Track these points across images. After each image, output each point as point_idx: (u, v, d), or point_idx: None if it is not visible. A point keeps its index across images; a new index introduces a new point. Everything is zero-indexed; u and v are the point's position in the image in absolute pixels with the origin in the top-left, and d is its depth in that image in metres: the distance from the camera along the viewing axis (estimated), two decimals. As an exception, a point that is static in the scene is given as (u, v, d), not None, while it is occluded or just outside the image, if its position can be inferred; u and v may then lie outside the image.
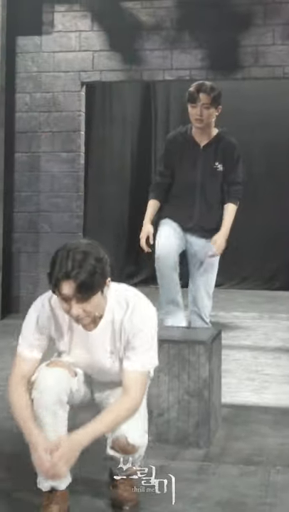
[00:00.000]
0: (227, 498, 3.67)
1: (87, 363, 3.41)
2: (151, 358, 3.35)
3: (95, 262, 3.12)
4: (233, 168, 5.69)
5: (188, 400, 4.46)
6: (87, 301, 3.15)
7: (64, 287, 3.10)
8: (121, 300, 3.35)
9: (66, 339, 3.37)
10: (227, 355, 6.50)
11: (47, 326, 3.36)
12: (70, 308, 3.15)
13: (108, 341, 3.35)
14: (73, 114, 10.04)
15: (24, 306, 9.67)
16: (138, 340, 3.30)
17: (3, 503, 3.53)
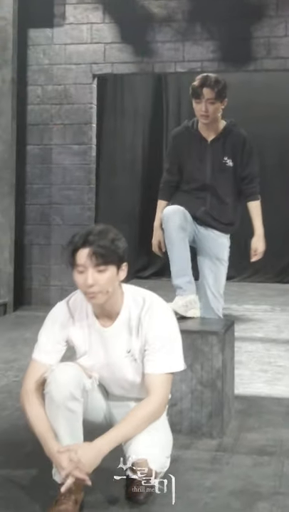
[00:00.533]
0: (241, 487, 3.67)
1: (105, 364, 3.40)
2: (175, 360, 3.33)
3: (114, 236, 3.21)
4: (247, 163, 5.40)
5: (201, 390, 4.46)
6: (103, 271, 3.16)
7: (81, 255, 3.15)
8: (137, 297, 3.37)
9: (85, 339, 3.37)
10: (239, 347, 6.51)
11: (65, 328, 3.37)
12: (85, 278, 3.15)
13: (125, 340, 3.34)
14: (85, 107, 10.05)
15: (36, 298, 9.75)
16: (160, 341, 3.29)
17: (20, 494, 3.55)
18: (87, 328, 3.36)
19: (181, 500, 3.47)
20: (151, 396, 3.25)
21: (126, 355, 3.34)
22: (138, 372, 3.35)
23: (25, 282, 10.13)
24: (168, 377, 3.30)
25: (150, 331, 3.28)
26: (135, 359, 3.33)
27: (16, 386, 5.59)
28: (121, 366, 3.36)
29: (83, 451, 3.09)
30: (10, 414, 4.89)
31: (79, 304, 3.38)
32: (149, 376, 3.27)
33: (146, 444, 3.19)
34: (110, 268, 3.17)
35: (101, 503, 3.42)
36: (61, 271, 9.92)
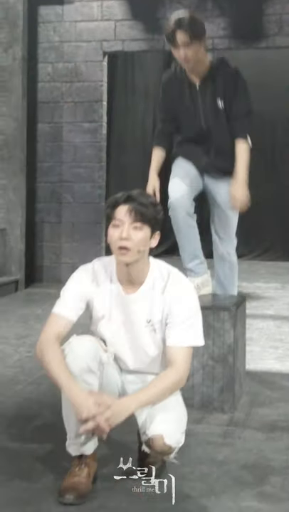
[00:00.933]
0: (253, 461, 3.70)
1: (124, 332, 3.39)
2: (196, 335, 3.33)
3: (155, 201, 3.30)
4: (234, 99, 4.86)
5: (212, 365, 4.48)
6: (139, 228, 3.21)
7: (121, 210, 3.21)
8: (163, 270, 3.38)
9: (106, 303, 3.37)
10: (250, 324, 6.52)
11: (88, 290, 3.36)
12: (120, 232, 3.20)
13: (146, 309, 3.33)
14: (95, 84, 10.03)
15: (47, 275, 9.79)
16: (183, 315, 3.29)
17: (33, 467, 3.59)
18: (109, 293, 3.36)
19: (193, 474, 3.51)
20: (174, 367, 3.24)
21: (146, 324, 3.33)
22: (156, 344, 3.36)
23: (36, 260, 10.17)
24: (189, 350, 3.30)
25: (174, 304, 3.29)
26: (154, 329, 3.33)
27: (29, 361, 5.65)
28: (140, 335, 3.36)
29: (112, 406, 3.08)
30: (23, 389, 4.93)
31: (103, 267, 3.39)
32: (172, 349, 3.27)
33: (161, 420, 3.19)
34: (145, 228, 3.22)
35: (114, 475, 3.45)
36: (72, 249, 9.95)
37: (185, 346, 3.28)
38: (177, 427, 3.25)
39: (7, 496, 3.24)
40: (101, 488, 3.31)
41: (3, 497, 3.22)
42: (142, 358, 3.39)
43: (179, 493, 3.28)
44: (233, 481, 3.45)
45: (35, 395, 4.77)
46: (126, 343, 3.38)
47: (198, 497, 3.27)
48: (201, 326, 3.36)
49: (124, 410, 3.10)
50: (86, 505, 3.14)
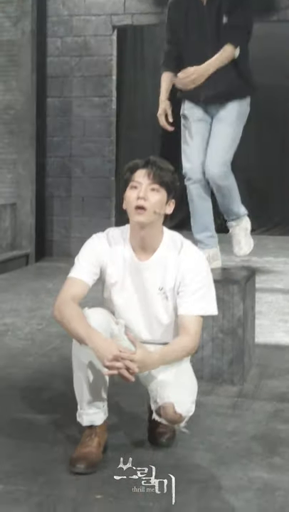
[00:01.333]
0: (262, 432, 3.74)
1: (136, 299, 3.41)
2: (208, 304, 3.36)
3: (172, 168, 3.34)
4: (235, 10, 4.71)
5: (222, 338, 4.51)
6: (156, 190, 3.26)
7: (140, 173, 3.28)
8: (176, 239, 3.41)
9: (119, 269, 3.39)
10: (259, 297, 6.52)
11: (102, 256, 3.38)
12: (138, 192, 3.25)
13: (159, 276, 3.36)
14: (105, 59, 10.00)
15: (57, 249, 9.83)
16: (195, 284, 3.32)
17: (44, 437, 3.63)
18: (122, 259, 3.38)
19: (203, 445, 3.55)
20: (186, 335, 3.28)
21: (158, 292, 3.36)
22: (168, 312, 3.38)
23: (46, 234, 10.20)
24: (201, 320, 3.34)
25: (187, 273, 3.32)
26: (166, 297, 3.36)
27: (40, 334, 5.70)
28: (152, 302, 3.39)
29: (144, 356, 3.12)
30: (33, 361, 4.97)
31: (117, 235, 3.43)
32: (184, 317, 3.30)
33: (172, 389, 3.23)
34: (162, 192, 3.27)
35: (124, 446, 3.50)
36: (82, 223, 9.97)
37: (197, 315, 3.32)
38: (188, 396, 3.28)
39: (19, 466, 3.28)
40: (111, 457, 3.35)
41: (14, 467, 3.27)
42: (154, 326, 3.42)
43: (189, 463, 3.34)
44: (242, 451, 3.49)
45: (46, 367, 4.81)
46: (138, 310, 3.41)
47: (208, 467, 3.31)
48: (213, 295, 3.39)
49: (150, 364, 3.16)
50: (96, 475, 3.18)
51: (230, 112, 4.88)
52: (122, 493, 3.03)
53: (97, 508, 2.88)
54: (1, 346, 5.37)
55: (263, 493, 3.05)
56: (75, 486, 3.08)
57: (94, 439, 3.31)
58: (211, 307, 3.37)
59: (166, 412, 3.20)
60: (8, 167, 9.92)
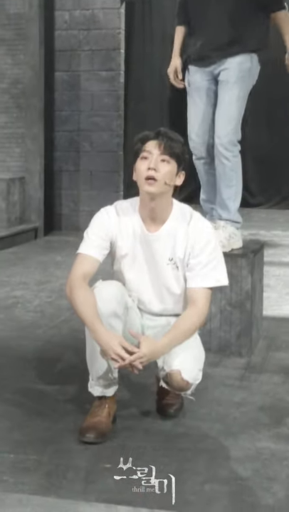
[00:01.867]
0: (269, 403, 3.77)
1: (147, 270, 3.43)
2: (218, 275, 3.37)
3: (183, 140, 3.36)
4: None
5: (230, 310, 4.54)
6: (166, 161, 3.27)
7: (150, 144, 3.29)
8: (185, 211, 3.43)
9: (129, 240, 3.41)
10: (267, 271, 6.53)
11: (111, 229, 3.40)
12: (148, 162, 3.26)
13: (169, 247, 3.38)
14: (113, 32, 9.97)
15: (66, 223, 9.86)
16: (205, 256, 3.34)
17: (55, 408, 3.68)
18: (132, 231, 3.40)
19: (211, 415, 3.59)
20: (195, 308, 3.30)
21: (168, 262, 3.38)
22: (178, 282, 3.40)
23: (55, 208, 10.22)
24: (210, 291, 3.36)
25: (196, 244, 3.34)
26: (177, 267, 3.37)
27: (49, 306, 5.75)
28: (162, 273, 3.40)
29: (150, 345, 3.16)
30: (43, 333, 5.02)
31: (126, 207, 3.44)
32: (193, 290, 3.33)
33: (179, 356, 3.25)
34: (172, 163, 3.28)
35: (133, 416, 3.54)
36: (90, 197, 9.99)
37: (206, 287, 3.34)
38: (195, 363, 3.32)
39: (29, 435, 3.33)
40: (121, 428, 3.40)
41: (24, 436, 3.31)
42: (165, 297, 3.45)
43: (197, 433, 3.38)
44: (250, 422, 3.53)
45: (56, 338, 4.85)
46: (149, 281, 3.43)
47: (216, 437, 3.35)
48: (223, 266, 3.41)
49: (158, 353, 3.20)
50: (106, 444, 3.22)
51: (232, 70, 4.69)
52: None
53: (106, 477, 2.92)
54: (11, 318, 5.41)
55: (271, 463, 3.08)
56: (85, 456, 3.13)
57: (104, 410, 3.35)
58: (222, 278, 3.39)
59: (173, 379, 3.25)
60: (16, 141, 9.93)
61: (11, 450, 3.16)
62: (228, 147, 4.69)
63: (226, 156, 4.70)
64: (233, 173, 4.74)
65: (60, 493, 2.78)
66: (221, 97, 4.72)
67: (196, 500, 2.75)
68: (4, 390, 3.89)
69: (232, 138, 4.70)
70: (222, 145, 4.69)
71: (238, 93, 4.69)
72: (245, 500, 2.76)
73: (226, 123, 4.69)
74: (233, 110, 4.70)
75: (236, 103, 4.70)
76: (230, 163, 4.71)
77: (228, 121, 4.69)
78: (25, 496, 2.75)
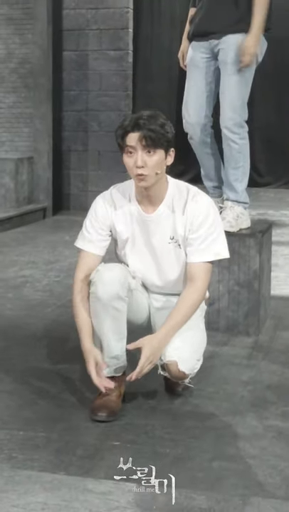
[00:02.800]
0: (277, 382, 3.79)
1: (148, 252, 3.44)
2: (219, 249, 3.37)
3: (164, 121, 3.25)
4: None
5: (238, 290, 4.56)
6: (152, 153, 3.22)
7: (131, 138, 3.21)
8: (181, 187, 3.42)
9: (128, 225, 3.42)
10: (275, 250, 6.55)
11: (109, 216, 3.42)
12: (135, 160, 3.22)
13: (168, 226, 3.38)
14: (121, 11, 9.92)
15: (74, 203, 9.87)
16: (204, 230, 3.33)
17: (64, 387, 3.71)
18: (129, 215, 3.41)
19: (218, 394, 3.62)
20: (194, 284, 3.31)
21: (169, 241, 3.39)
22: (180, 261, 3.41)
23: (63, 188, 10.23)
24: (210, 266, 3.37)
25: (195, 219, 3.33)
26: (179, 245, 3.38)
27: (57, 285, 5.77)
28: (164, 253, 3.41)
29: (151, 345, 3.20)
30: (52, 311, 5.05)
31: (121, 192, 3.45)
32: (193, 265, 3.34)
33: (177, 346, 3.26)
34: (159, 151, 3.22)
35: (141, 395, 3.57)
36: (98, 177, 9.99)
37: (206, 262, 3.35)
38: (193, 354, 3.32)
39: (38, 413, 3.36)
40: (129, 406, 3.43)
41: (34, 414, 3.35)
42: (168, 277, 3.46)
43: (205, 411, 3.41)
44: (257, 400, 3.55)
45: (65, 317, 4.87)
46: (152, 262, 3.45)
47: (224, 415, 3.37)
48: (223, 239, 3.40)
49: (164, 343, 3.23)
50: (115, 423, 3.25)
51: (230, 51, 4.57)
52: (139, 438, 3.11)
53: (114, 454, 2.95)
54: (20, 297, 5.44)
55: (278, 441, 3.11)
56: (94, 433, 3.16)
57: (114, 389, 3.37)
58: (222, 251, 3.39)
59: (170, 370, 3.27)
60: (25, 121, 9.93)
61: (21, 427, 3.19)
62: (234, 129, 4.64)
63: (232, 138, 4.65)
64: (241, 155, 4.70)
65: (70, 470, 2.81)
66: (223, 79, 4.66)
67: (203, 478, 2.77)
68: (13, 369, 3.92)
69: (237, 120, 4.64)
70: (227, 128, 4.64)
71: (239, 75, 4.59)
72: (252, 478, 2.78)
73: (229, 107, 4.62)
74: (234, 94, 4.61)
75: (238, 85, 4.61)
76: (237, 145, 4.67)
77: (231, 105, 4.62)
78: (35, 472, 2.78)
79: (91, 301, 3.31)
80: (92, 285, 3.30)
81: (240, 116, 4.65)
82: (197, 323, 3.43)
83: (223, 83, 4.64)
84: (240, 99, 4.63)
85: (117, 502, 2.55)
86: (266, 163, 12.79)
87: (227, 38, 4.58)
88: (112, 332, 3.30)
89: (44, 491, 2.62)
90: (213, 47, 4.66)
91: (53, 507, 2.51)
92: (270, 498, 2.62)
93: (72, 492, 2.61)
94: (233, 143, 4.66)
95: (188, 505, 2.55)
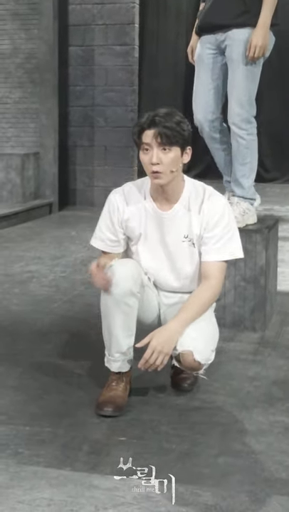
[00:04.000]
0: (283, 378, 3.79)
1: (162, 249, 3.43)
2: (233, 248, 3.38)
3: (180, 118, 3.25)
4: None
5: (244, 286, 4.55)
6: (167, 151, 3.22)
7: (147, 135, 3.21)
8: (198, 186, 3.42)
9: (141, 221, 3.42)
10: (282, 246, 6.54)
11: (120, 215, 3.42)
12: (150, 157, 3.22)
13: (184, 224, 3.38)
14: (127, 6, 9.92)
15: (81, 198, 9.88)
16: (220, 230, 3.33)
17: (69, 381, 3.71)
18: (144, 211, 3.41)
19: (224, 389, 3.61)
20: (208, 282, 3.32)
21: (183, 239, 3.38)
22: (194, 259, 3.41)
23: (69, 183, 10.23)
24: (224, 265, 3.38)
25: (211, 218, 3.33)
26: (193, 244, 3.38)
27: (63, 281, 5.77)
28: (178, 251, 3.41)
29: (159, 336, 3.19)
30: (58, 307, 5.05)
31: (136, 188, 3.45)
32: (208, 264, 3.34)
33: (192, 337, 3.25)
34: (174, 149, 3.23)
35: (148, 390, 3.57)
36: (104, 172, 9.99)
37: (221, 261, 3.35)
38: (207, 344, 3.31)
39: (44, 408, 3.36)
40: (135, 401, 3.42)
41: (40, 409, 3.35)
42: (181, 275, 3.45)
43: (210, 407, 3.40)
44: (263, 396, 3.55)
45: (70, 313, 4.88)
46: (165, 260, 3.44)
47: (230, 411, 3.37)
48: (238, 239, 3.41)
49: (174, 335, 3.21)
50: (120, 418, 3.25)
51: (236, 47, 4.56)
52: (145, 434, 3.11)
53: (121, 449, 2.95)
54: (26, 293, 5.44)
55: (284, 437, 3.10)
56: (100, 429, 3.15)
57: (121, 384, 3.38)
58: (236, 251, 3.40)
59: (185, 360, 3.24)
60: (31, 116, 9.94)
61: (27, 423, 3.19)
62: (241, 125, 4.63)
63: (239, 134, 4.64)
64: (248, 150, 4.69)
65: (76, 466, 2.81)
66: (230, 75, 4.64)
67: (209, 473, 2.77)
68: (19, 364, 3.92)
69: (244, 116, 4.62)
70: (234, 124, 4.63)
71: (246, 71, 4.56)
72: (258, 474, 2.78)
73: (236, 103, 4.61)
74: (241, 89, 4.59)
75: (245, 81, 4.58)
76: (245, 141, 4.66)
77: (238, 101, 4.60)
78: (41, 468, 2.78)
79: (102, 297, 3.31)
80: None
81: (248, 112, 4.63)
82: (209, 316, 3.43)
83: (230, 79, 4.63)
84: (246, 95, 4.60)
85: (123, 498, 2.55)
86: (272, 159, 12.76)
87: (233, 34, 4.55)
88: (121, 328, 3.30)
89: (50, 486, 2.62)
90: (219, 43, 4.64)
91: (59, 503, 2.51)
92: (277, 495, 2.61)
93: (78, 488, 2.61)
94: (240, 138, 4.65)
95: (194, 501, 2.55)
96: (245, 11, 4.51)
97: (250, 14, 4.50)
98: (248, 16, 4.50)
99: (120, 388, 3.37)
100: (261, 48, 4.47)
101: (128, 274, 3.25)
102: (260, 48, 4.46)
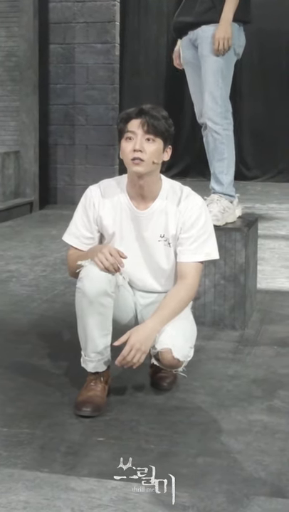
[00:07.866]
0: (262, 376, 3.78)
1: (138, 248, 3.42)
2: (209, 249, 3.38)
3: (166, 115, 3.31)
4: None
5: (224, 284, 4.54)
6: (151, 141, 3.24)
7: (133, 123, 3.25)
8: (175, 186, 3.43)
9: (116, 219, 3.41)
10: (262, 244, 6.57)
11: (95, 212, 3.40)
12: (133, 144, 3.23)
13: (160, 224, 3.38)
14: (108, 4, 9.90)
15: (61, 197, 9.87)
16: (196, 230, 3.34)
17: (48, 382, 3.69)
18: (119, 209, 3.40)
19: (204, 388, 3.60)
20: (185, 282, 3.32)
21: (159, 239, 3.38)
22: (169, 259, 3.41)
23: (50, 182, 10.21)
24: (200, 265, 3.38)
25: (188, 219, 3.34)
26: (169, 243, 3.38)
27: (43, 280, 5.76)
28: (153, 250, 3.41)
29: (137, 334, 3.20)
30: (38, 306, 5.03)
31: (112, 186, 3.44)
32: (183, 265, 3.34)
33: (170, 334, 3.25)
34: (158, 141, 3.25)
35: (126, 390, 3.55)
36: (85, 170, 9.98)
37: (197, 262, 3.35)
38: (186, 341, 3.31)
39: (22, 409, 3.34)
40: (114, 401, 3.41)
41: (18, 410, 3.32)
42: (157, 274, 3.45)
43: (190, 406, 3.39)
44: (242, 395, 3.53)
45: (50, 312, 4.86)
46: (141, 259, 3.43)
47: (209, 410, 3.36)
48: (214, 240, 3.42)
49: (151, 333, 3.22)
50: (99, 418, 3.23)
51: (204, 43, 4.62)
52: (124, 434, 3.09)
53: (99, 450, 2.93)
54: (6, 292, 5.42)
55: (263, 436, 3.09)
56: (78, 429, 3.13)
57: (98, 384, 3.36)
58: (212, 252, 3.40)
59: (164, 358, 3.24)
60: (11, 115, 9.90)
61: (5, 424, 3.17)
62: (216, 120, 4.65)
63: (214, 129, 4.65)
64: (224, 146, 4.69)
65: (54, 467, 2.79)
66: (202, 72, 4.68)
67: (188, 473, 2.76)
68: (-2, 364, 3.90)
69: (218, 111, 4.64)
70: (210, 119, 4.65)
71: (216, 67, 4.59)
72: (237, 474, 2.77)
73: (209, 97, 4.63)
74: (212, 84, 4.61)
75: (215, 76, 4.60)
76: (220, 136, 4.67)
77: (211, 95, 4.62)
78: (17, 470, 2.75)
79: (77, 297, 3.28)
80: (79, 281, 3.27)
81: (221, 107, 4.65)
82: (187, 314, 3.43)
83: (202, 75, 4.66)
84: (218, 90, 4.62)
85: (100, 500, 2.53)
86: (254, 157, 12.78)
87: (202, 31, 4.62)
88: (97, 328, 3.27)
89: (26, 489, 2.59)
90: (193, 41, 4.71)
91: (35, 505, 2.48)
92: (255, 495, 2.60)
93: (54, 490, 2.58)
94: (216, 134, 4.66)
95: (170, 502, 2.53)
96: (212, 8, 4.58)
97: (216, 10, 4.56)
98: (214, 12, 4.57)
99: (99, 388, 3.35)
100: (225, 40, 4.51)
101: (102, 274, 3.22)
102: (224, 40, 4.51)
